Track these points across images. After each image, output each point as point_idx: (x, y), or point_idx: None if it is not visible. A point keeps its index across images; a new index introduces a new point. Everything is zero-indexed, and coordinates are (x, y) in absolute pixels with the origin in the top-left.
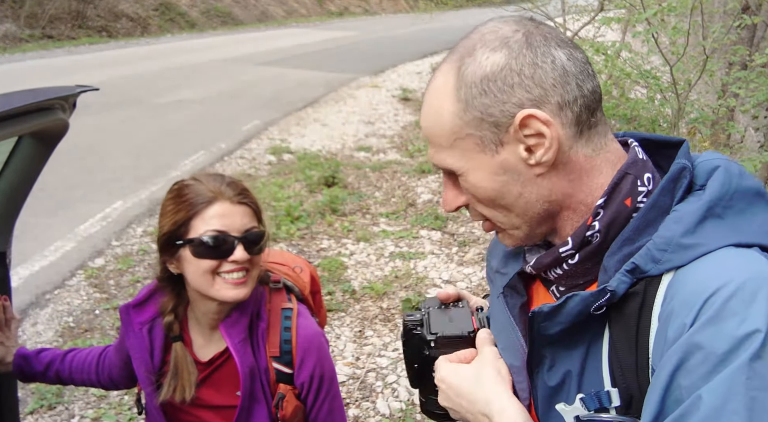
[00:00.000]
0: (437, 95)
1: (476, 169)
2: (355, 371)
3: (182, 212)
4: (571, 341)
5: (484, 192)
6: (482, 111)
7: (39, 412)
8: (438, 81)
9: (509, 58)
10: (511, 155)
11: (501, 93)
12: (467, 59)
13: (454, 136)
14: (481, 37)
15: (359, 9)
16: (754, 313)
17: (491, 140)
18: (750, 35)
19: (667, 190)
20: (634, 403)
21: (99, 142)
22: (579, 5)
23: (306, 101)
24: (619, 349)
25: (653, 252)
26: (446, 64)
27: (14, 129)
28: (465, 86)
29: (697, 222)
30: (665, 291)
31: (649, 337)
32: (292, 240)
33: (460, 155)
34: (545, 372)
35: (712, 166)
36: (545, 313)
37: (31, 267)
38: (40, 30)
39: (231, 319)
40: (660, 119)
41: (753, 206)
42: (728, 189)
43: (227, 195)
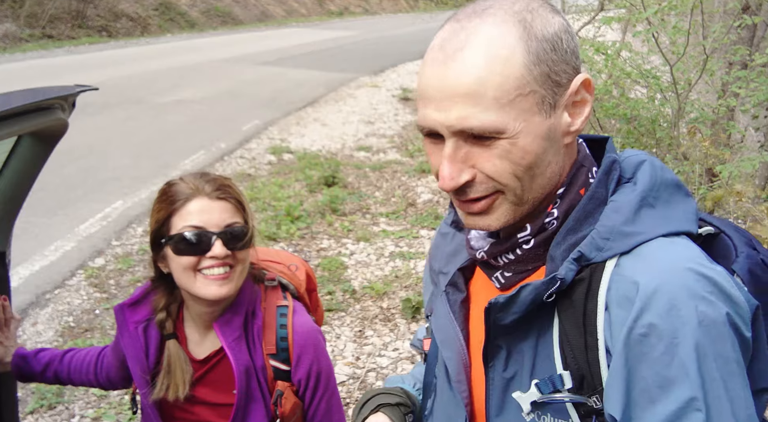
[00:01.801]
0: (497, 44)
1: (528, 132)
2: (355, 371)
3: (163, 210)
4: (524, 329)
5: (527, 158)
6: (550, 67)
7: (39, 412)
8: (487, 30)
9: (565, 23)
10: (557, 119)
11: (565, 53)
12: (528, 15)
13: (518, 91)
14: (526, 3)
15: (359, 9)
16: (683, 306)
17: (549, 101)
18: (750, 35)
19: (602, 182)
20: (586, 383)
21: (99, 142)
22: (579, 5)
23: (306, 101)
24: (569, 333)
25: (597, 241)
26: (491, 17)
27: (14, 129)
28: (536, 39)
29: (634, 211)
30: (609, 278)
31: (597, 320)
32: (292, 240)
33: (516, 114)
34: (501, 362)
35: (639, 160)
36: (501, 304)
37: (31, 267)
38: (40, 30)
39: (225, 318)
40: (660, 118)
41: (675, 196)
42: (655, 181)
43: (205, 191)
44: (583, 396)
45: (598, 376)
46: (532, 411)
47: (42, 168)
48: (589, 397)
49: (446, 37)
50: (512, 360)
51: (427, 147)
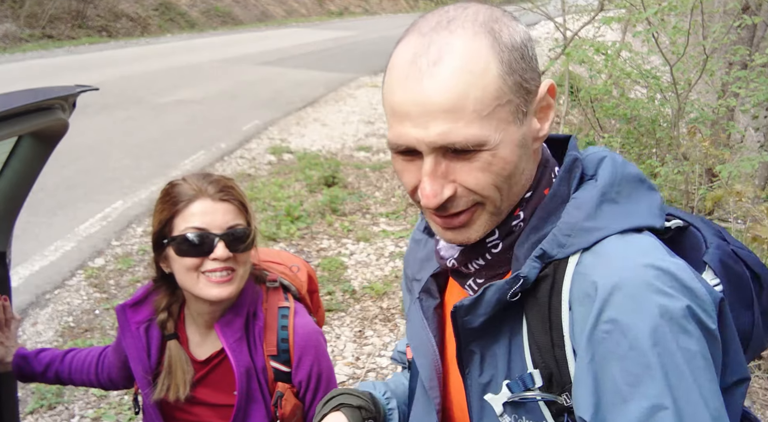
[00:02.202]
0: (472, 58)
1: (507, 142)
2: (355, 371)
3: (166, 211)
4: (495, 332)
5: (507, 167)
6: (521, 76)
7: (39, 412)
8: (460, 44)
9: (527, 31)
10: (528, 126)
11: (531, 61)
12: (495, 24)
13: (496, 102)
14: (488, 9)
15: (359, 9)
16: (644, 301)
17: (522, 109)
18: (750, 35)
19: (564, 180)
20: (554, 380)
21: (99, 142)
22: (579, 5)
23: (306, 101)
24: (535, 330)
25: (559, 238)
26: (461, 29)
27: (14, 129)
28: (507, 49)
29: (595, 207)
30: (572, 274)
31: (561, 317)
32: (292, 240)
33: (495, 125)
34: (476, 367)
35: (600, 157)
36: (466, 306)
37: (31, 267)
38: (40, 30)
39: (226, 319)
40: (660, 118)
41: (637, 191)
42: (616, 176)
43: (208, 192)
44: (553, 394)
45: (567, 374)
46: (507, 413)
47: (42, 168)
48: (559, 395)
49: (416, 52)
50: (487, 364)
51: (399, 164)
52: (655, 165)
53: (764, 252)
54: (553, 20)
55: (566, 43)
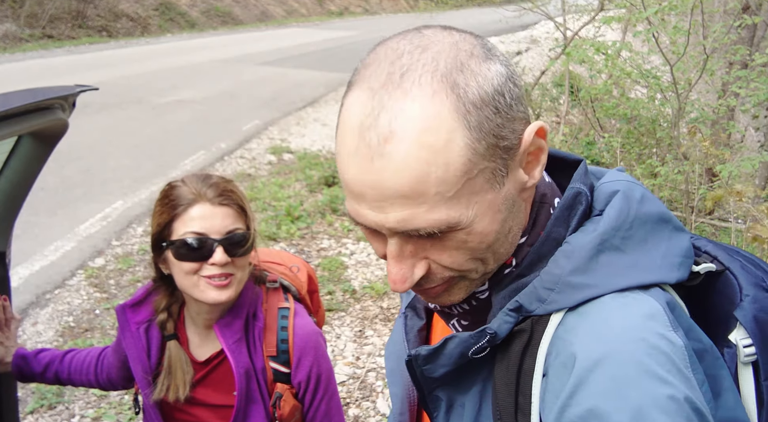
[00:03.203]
0: (431, 129)
1: (484, 213)
2: (355, 371)
3: (165, 214)
4: (464, 381)
5: (486, 240)
6: (496, 135)
7: (39, 412)
8: (416, 111)
9: (504, 65)
10: (512, 182)
11: (509, 109)
12: (459, 75)
13: (465, 176)
14: (452, 48)
15: (359, 9)
16: (634, 386)
17: (500, 171)
18: (750, 35)
19: (561, 219)
20: None
21: (99, 142)
22: (579, 5)
23: (306, 101)
24: (499, 391)
25: (539, 291)
26: (416, 88)
27: (14, 129)
28: (475, 107)
29: (589, 258)
30: (552, 337)
31: (532, 382)
32: (292, 240)
33: (466, 201)
34: (442, 415)
35: (611, 190)
36: (423, 356)
37: (31, 267)
38: (40, 30)
39: (225, 320)
40: (660, 118)
41: (655, 235)
42: (626, 217)
43: (208, 196)
44: None
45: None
46: None
47: (42, 168)
48: None
49: (364, 121)
50: (454, 414)
51: (364, 232)
52: (656, 165)
53: (764, 252)
54: (553, 20)
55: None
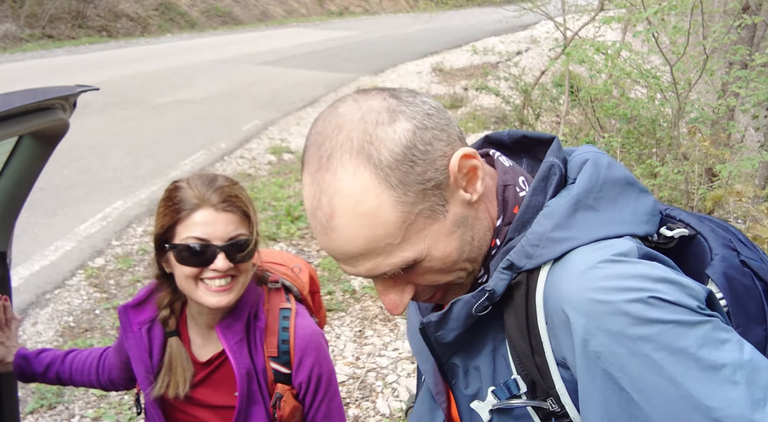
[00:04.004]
0: (361, 200)
1: (437, 241)
2: (355, 371)
3: (168, 216)
4: (475, 344)
5: (450, 257)
6: (420, 181)
7: (39, 412)
8: (345, 188)
9: (410, 120)
10: (456, 205)
11: (426, 154)
12: (371, 146)
13: (405, 224)
14: (360, 123)
15: (359, 9)
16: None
17: (438, 204)
18: (750, 35)
19: (539, 189)
20: (538, 387)
21: (99, 142)
22: (579, 5)
23: (306, 101)
24: (513, 337)
25: (526, 248)
26: (340, 169)
27: (15, 129)
28: (391, 169)
29: (567, 216)
30: (544, 286)
31: (538, 326)
32: (292, 240)
33: (415, 240)
34: (461, 380)
35: (582, 160)
36: (434, 322)
37: (32, 267)
38: (40, 30)
39: (227, 321)
40: (660, 118)
41: (624, 195)
42: (597, 181)
43: (212, 202)
44: (538, 399)
45: (549, 379)
46: (494, 420)
47: (43, 168)
48: (544, 400)
49: (311, 202)
50: (471, 377)
51: None
52: (655, 165)
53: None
54: (553, 20)
55: (566, 43)
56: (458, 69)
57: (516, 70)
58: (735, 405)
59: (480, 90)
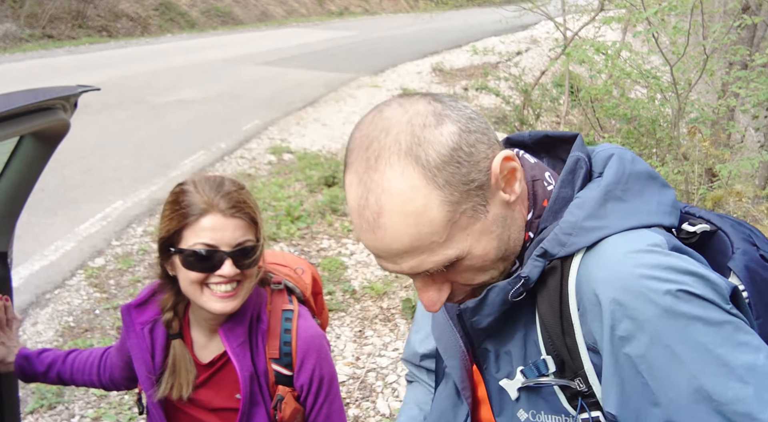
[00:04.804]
0: (409, 199)
1: (478, 240)
2: (355, 371)
3: (175, 220)
4: (508, 331)
5: (488, 256)
6: (465, 182)
7: (39, 412)
8: (393, 187)
9: (455, 123)
10: (495, 205)
11: (470, 156)
12: (419, 148)
13: (450, 223)
14: (408, 125)
15: (359, 9)
16: (642, 302)
17: (480, 204)
18: (750, 35)
19: (566, 182)
20: (567, 366)
21: (99, 142)
22: (579, 5)
23: (306, 101)
24: (546, 318)
25: (559, 237)
26: (388, 169)
27: (15, 129)
28: (439, 169)
29: (598, 206)
30: (577, 272)
31: (570, 309)
32: (292, 240)
33: (458, 239)
34: (492, 364)
35: (607, 154)
36: (471, 308)
37: (32, 267)
38: (40, 30)
39: (230, 323)
40: (660, 118)
41: (648, 188)
42: (623, 173)
43: (220, 208)
44: (566, 379)
45: (578, 360)
46: (524, 408)
47: (44, 169)
48: (572, 380)
49: (359, 204)
50: (502, 361)
51: None
52: (655, 165)
53: None
54: (553, 20)
55: (566, 43)
56: (458, 69)
57: (516, 71)
58: (744, 403)
59: (480, 90)
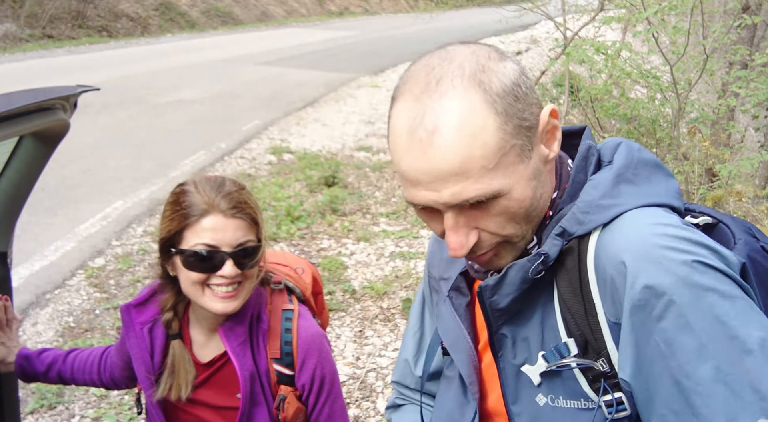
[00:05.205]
0: (467, 119)
1: (518, 182)
2: (355, 371)
3: (176, 221)
4: (526, 311)
5: (524, 204)
6: (520, 117)
7: (39, 412)
8: (453, 107)
9: (516, 65)
10: (536, 156)
11: (526, 96)
12: (483, 74)
13: (500, 152)
14: (472, 56)
15: (359, 9)
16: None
17: (526, 147)
18: (750, 35)
19: (580, 167)
20: (590, 347)
21: (99, 142)
22: (579, 5)
23: (306, 101)
24: (567, 300)
25: (577, 215)
26: (451, 90)
27: (15, 129)
28: (499, 97)
29: (612, 186)
30: (595, 249)
31: (590, 287)
32: (292, 240)
33: (503, 172)
34: (509, 350)
35: (615, 143)
36: (491, 286)
37: (32, 267)
38: (41, 30)
39: (230, 323)
40: (660, 118)
41: (656, 175)
42: (632, 159)
43: (221, 208)
44: (589, 359)
45: (601, 339)
46: (543, 393)
47: (44, 169)
48: (595, 360)
49: (413, 122)
50: (519, 347)
51: (422, 216)
52: None
53: None
54: (553, 20)
55: (566, 43)
56: None
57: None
58: (749, 374)
59: None
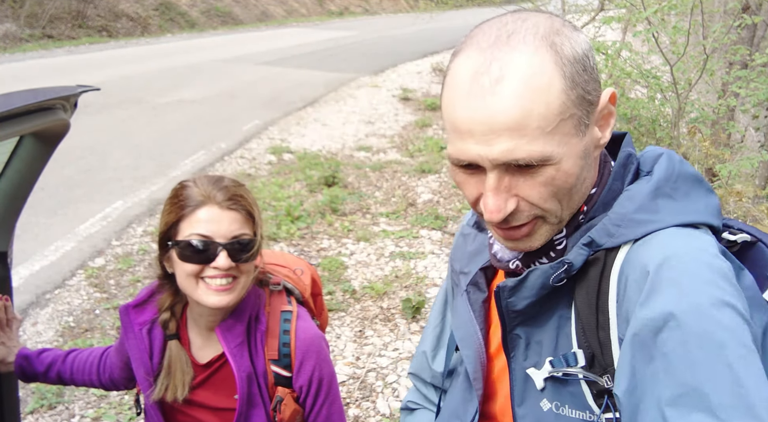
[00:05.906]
0: (535, 74)
1: (569, 155)
2: (355, 371)
3: (173, 213)
4: (543, 315)
5: (569, 181)
6: (584, 88)
7: (39, 412)
8: (523, 60)
9: (587, 42)
10: (590, 136)
11: (592, 71)
12: (556, 36)
13: (560, 117)
14: (548, 19)
15: (359, 9)
16: (694, 292)
17: (584, 122)
18: (750, 35)
19: (618, 175)
20: (596, 361)
21: (99, 142)
22: (579, 5)
23: (306, 101)
24: (581, 311)
25: (608, 227)
26: (522, 45)
27: (16, 129)
28: (569, 62)
29: (649, 200)
30: (622, 263)
31: (608, 301)
32: (292, 240)
33: (558, 140)
34: (521, 352)
35: (657, 153)
36: (510, 287)
37: (32, 267)
38: (40, 30)
39: (227, 323)
40: (660, 118)
41: (696, 190)
42: (672, 172)
43: (217, 199)
44: (595, 374)
45: (609, 356)
46: (548, 399)
47: (44, 169)
48: (600, 376)
49: (477, 69)
50: (531, 351)
51: (459, 177)
52: None
53: None
54: None
55: None
56: None
57: None
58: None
59: None
